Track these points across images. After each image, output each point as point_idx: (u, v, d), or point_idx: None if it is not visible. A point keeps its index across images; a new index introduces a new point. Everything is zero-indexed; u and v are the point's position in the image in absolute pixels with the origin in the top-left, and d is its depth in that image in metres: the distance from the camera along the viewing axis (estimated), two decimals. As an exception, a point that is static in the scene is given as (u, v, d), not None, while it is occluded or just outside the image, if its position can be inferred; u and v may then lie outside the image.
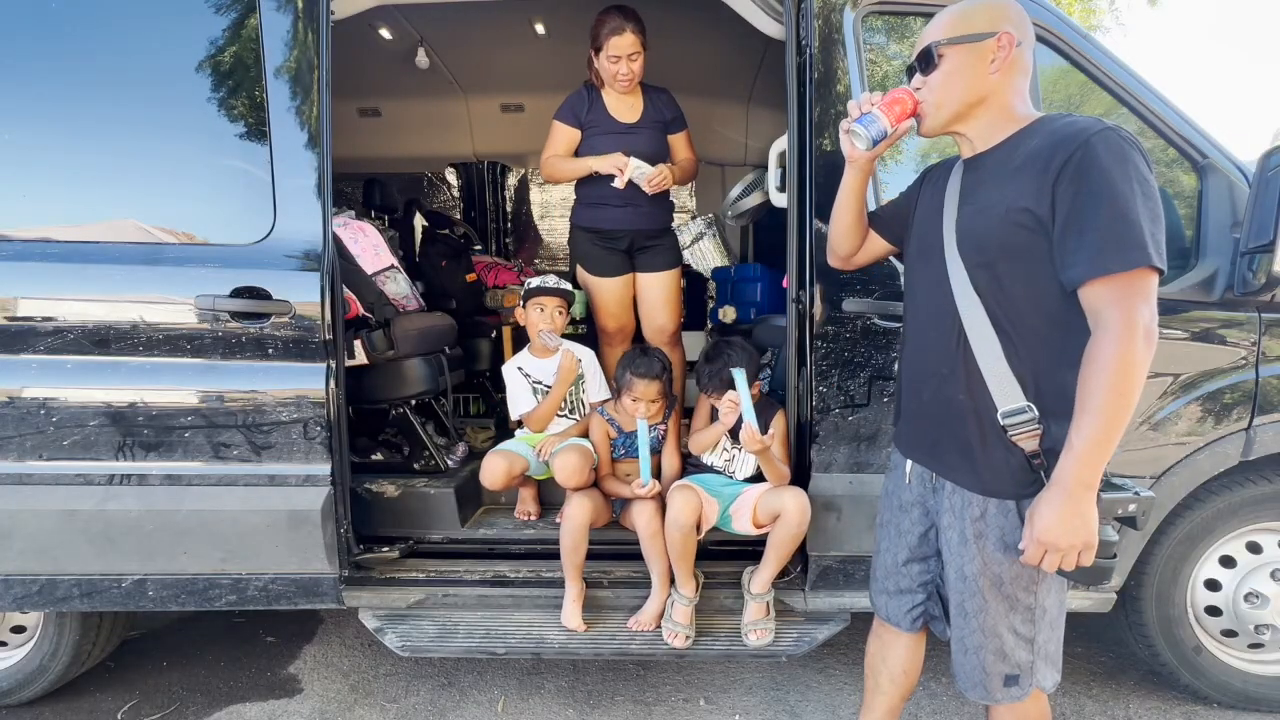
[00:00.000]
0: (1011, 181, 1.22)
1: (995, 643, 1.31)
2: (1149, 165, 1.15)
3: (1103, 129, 1.14)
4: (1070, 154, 1.14)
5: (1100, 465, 1.13)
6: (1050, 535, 1.14)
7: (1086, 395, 1.12)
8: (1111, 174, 1.11)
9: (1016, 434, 1.22)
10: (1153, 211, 1.11)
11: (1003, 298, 1.23)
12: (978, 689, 1.35)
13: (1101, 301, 1.12)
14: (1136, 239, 1.09)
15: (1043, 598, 1.29)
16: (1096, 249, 1.11)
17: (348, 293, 2.30)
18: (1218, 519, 2.03)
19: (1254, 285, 1.82)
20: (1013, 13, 1.27)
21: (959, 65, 1.27)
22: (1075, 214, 1.14)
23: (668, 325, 2.75)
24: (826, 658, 2.47)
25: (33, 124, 1.97)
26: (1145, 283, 1.11)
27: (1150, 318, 1.11)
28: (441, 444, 2.69)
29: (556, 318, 2.50)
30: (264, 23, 1.93)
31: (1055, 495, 1.14)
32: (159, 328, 1.93)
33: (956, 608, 1.36)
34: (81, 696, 2.32)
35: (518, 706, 2.22)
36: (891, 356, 1.95)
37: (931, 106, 1.31)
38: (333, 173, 1.97)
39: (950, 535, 1.35)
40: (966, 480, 1.31)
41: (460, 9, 2.87)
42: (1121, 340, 1.09)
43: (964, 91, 1.27)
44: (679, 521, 1.95)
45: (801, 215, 1.97)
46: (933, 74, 1.30)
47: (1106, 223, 1.11)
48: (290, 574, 1.99)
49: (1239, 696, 2.12)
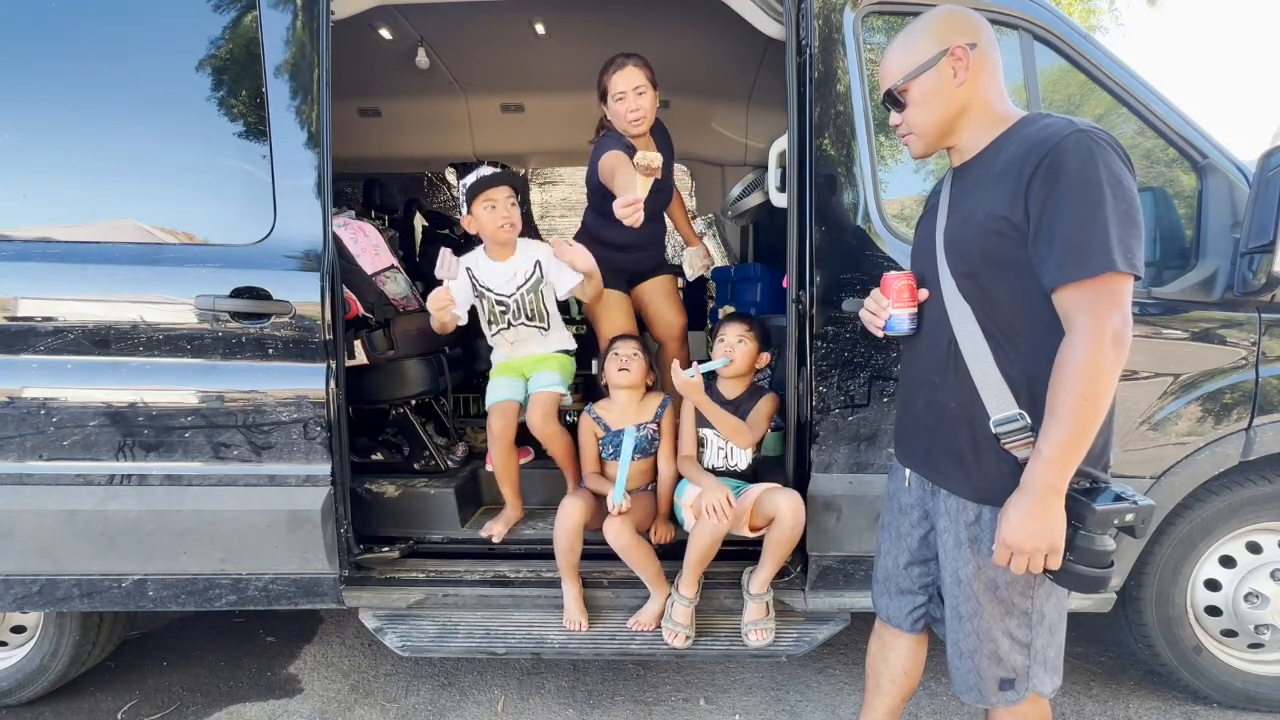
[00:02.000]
0: (991, 189, 1.22)
1: (990, 646, 1.30)
2: (1127, 165, 1.14)
3: (1073, 131, 1.13)
4: (1041, 159, 1.14)
5: (1068, 470, 1.14)
6: (1016, 538, 1.15)
7: (1055, 401, 1.12)
8: (1080, 178, 1.11)
9: (1009, 442, 1.22)
10: (1124, 214, 1.10)
11: (989, 306, 1.24)
12: (972, 692, 1.35)
13: (1071, 307, 1.13)
14: (1100, 245, 1.09)
15: (1040, 603, 1.28)
16: (1064, 256, 1.12)
17: (348, 293, 2.30)
18: (1218, 519, 2.03)
19: (1254, 285, 1.82)
20: (955, 20, 1.28)
21: (924, 94, 1.29)
22: (1045, 219, 1.14)
23: (676, 322, 2.83)
24: (826, 658, 2.47)
25: (33, 124, 1.96)
26: (1114, 287, 1.11)
27: (1121, 323, 1.10)
28: (441, 444, 2.69)
29: (511, 210, 2.26)
30: (264, 23, 1.93)
31: (1023, 499, 1.15)
32: (159, 328, 1.93)
33: (951, 611, 1.36)
34: (81, 696, 2.32)
35: (518, 706, 2.22)
36: (891, 356, 1.95)
37: (916, 138, 1.34)
38: (333, 173, 1.97)
39: (946, 539, 1.35)
40: (959, 487, 1.31)
41: (460, 9, 2.86)
42: (1090, 346, 1.10)
43: (940, 113, 1.29)
44: (718, 531, 1.95)
45: (801, 215, 1.97)
46: (906, 110, 1.32)
47: (1072, 228, 1.11)
48: (290, 574, 1.99)
49: (1239, 696, 2.12)
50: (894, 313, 1.38)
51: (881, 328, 1.40)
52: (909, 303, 1.37)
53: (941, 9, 1.31)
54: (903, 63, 1.30)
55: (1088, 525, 1.16)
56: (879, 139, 1.97)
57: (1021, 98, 1.92)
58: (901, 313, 1.37)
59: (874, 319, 1.41)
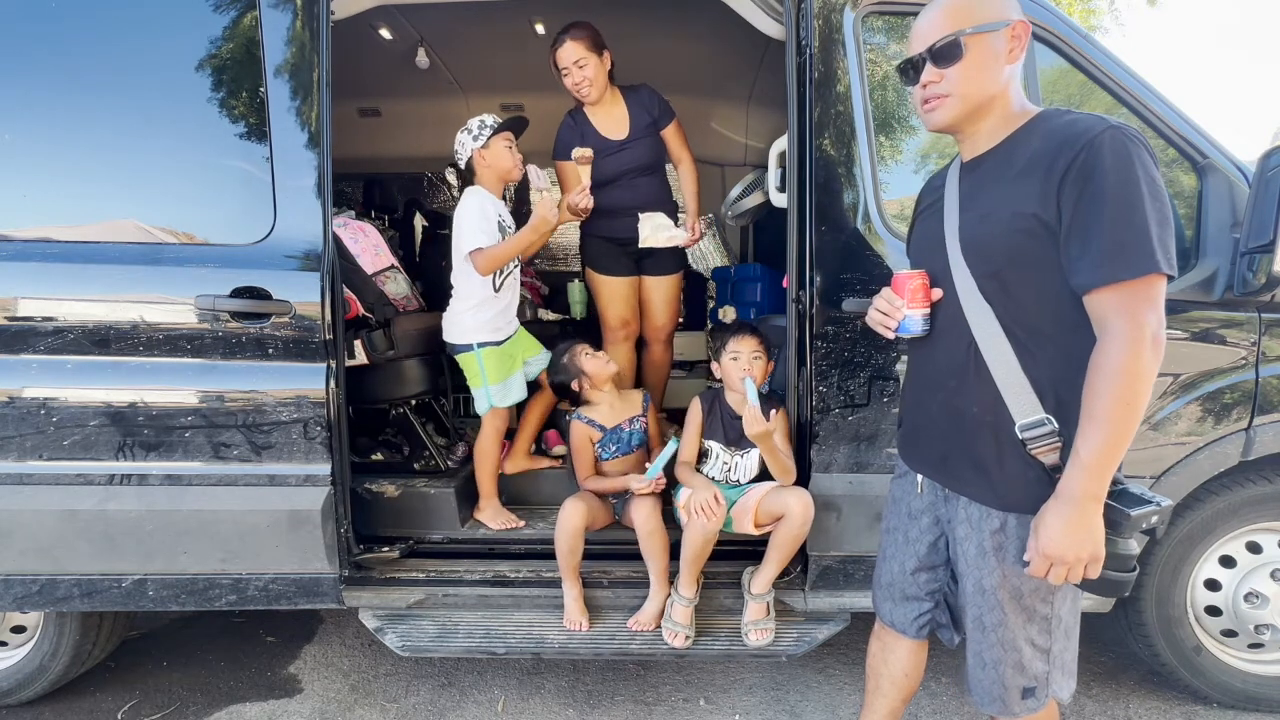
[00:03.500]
0: (1014, 186, 1.18)
1: (1014, 656, 1.28)
2: (1156, 163, 1.11)
3: (1108, 128, 1.10)
4: (1075, 156, 1.10)
5: (1108, 476, 1.10)
6: (1057, 549, 1.11)
7: (1093, 404, 1.09)
8: (1117, 176, 1.08)
9: (1036, 447, 1.18)
10: (1161, 214, 1.08)
11: (1013, 306, 1.20)
12: (996, 703, 1.32)
13: (1108, 308, 1.10)
14: (1143, 245, 1.06)
15: (1059, 608, 1.26)
16: (1102, 256, 1.08)
17: (348, 293, 2.29)
18: (1218, 519, 2.03)
19: (1254, 285, 1.82)
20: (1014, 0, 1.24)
21: (983, 57, 1.20)
22: (1080, 219, 1.11)
23: (666, 325, 2.88)
24: (826, 658, 2.47)
25: (33, 124, 1.96)
26: (1153, 289, 1.08)
27: (1158, 324, 1.08)
28: (441, 444, 2.69)
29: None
30: (264, 23, 1.93)
31: (1062, 507, 1.11)
32: (159, 328, 1.92)
33: (974, 621, 1.32)
34: (81, 696, 2.32)
35: (518, 706, 2.22)
36: (891, 356, 1.95)
37: (953, 100, 1.23)
38: (333, 173, 1.97)
39: (967, 547, 1.30)
40: (982, 495, 1.27)
41: (460, 9, 2.86)
42: (1129, 348, 1.07)
43: (986, 84, 1.22)
44: (708, 530, 1.95)
45: (801, 215, 1.96)
46: (954, 66, 1.22)
47: (1112, 228, 1.08)
48: (290, 574, 1.99)
49: (1239, 696, 2.12)
50: (908, 314, 1.32)
51: (893, 330, 1.34)
52: (923, 303, 1.31)
53: None
54: (967, 16, 1.20)
55: (1119, 530, 1.13)
56: (879, 139, 1.97)
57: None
58: (915, 313, 1.31)
59: (886, 320, 1.35)
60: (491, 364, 2.36)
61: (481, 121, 2.38)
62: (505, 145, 2.38)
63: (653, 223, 2.66)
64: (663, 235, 2.65)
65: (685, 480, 2.15)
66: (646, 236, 2.66)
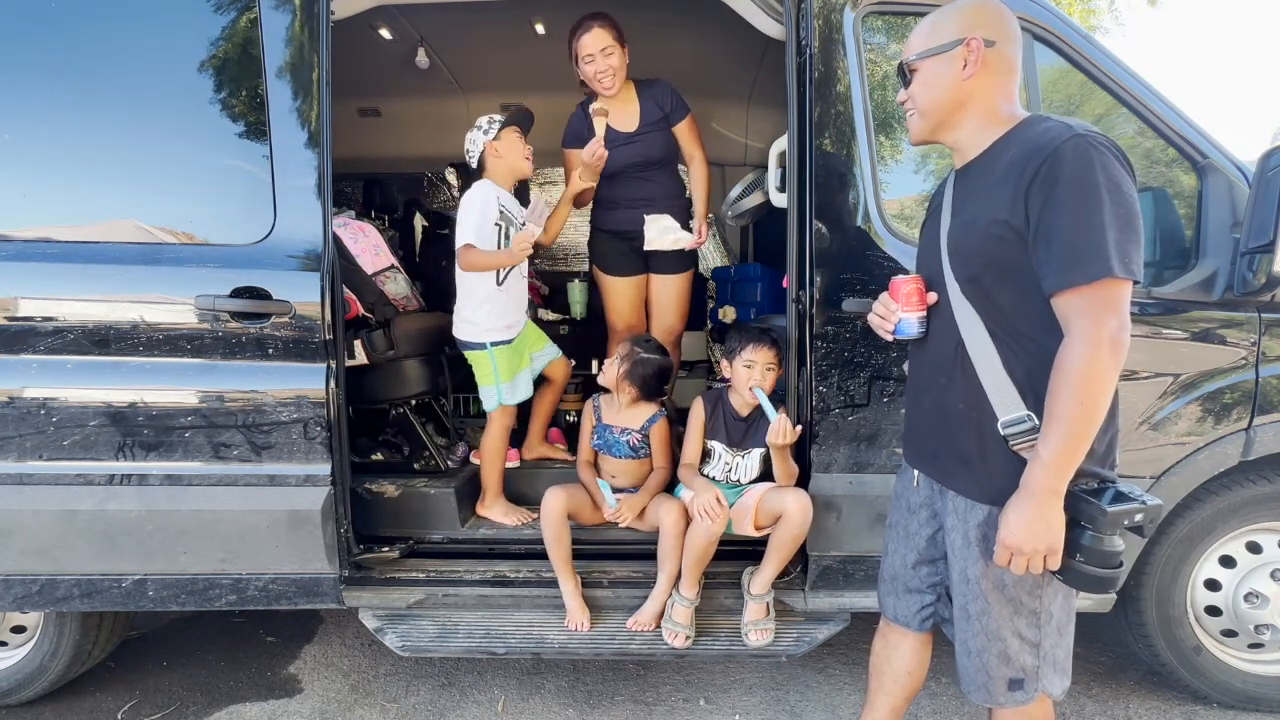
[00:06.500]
0: (992, 193, 1.23)
1: (999, 645, 1.30)
2: (1126, 169, 1.15)
3: (1071, 136, 1.14)
4: (1040, 164, 1.15)
5: (1067, 473, 1.15)
6: (1016, 539, 1.17)
7: (1053, 403, 1.14)
8: (1077, 184, 1.11)
9: (1017, 443, 1.22)
10: (1122, 219, 1.11)
11: (993, 309, 1.25)
12: (981, 692, 1.35)
13: (1070, 311, 1.14)
14: (1099, 250, 1.10)
15: (1048, 602, 1.28)
16: (1062, 261, 1.13)
17: (348, 293, 2.30)
18: (1218, 519, 2.03)
19: (1254, 285, 1.82)
20: (986, 14, 1.28)
21: (931, 76, 1.30)
22: (1044, 225, 1.15)
23: (676, 326, 2.82)
24: (826, 658, 2.47)
25: (33, 124, 1.96)
26: (1112, 292, 1.11)
27: (1118, 327, 1.11)
28: (441, 444, 2.69)
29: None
30: (264, 23, 1.93)
31: (1022, 501, 1.17)
32: (159, 328, 1.92)
33: (960, 610, 1.36)
34: (81, 696, 2.32)
35: (518, 706, 2.22)
36: (891, 356, 1.95)
37: (916, 116, 1.35)
38: (333, 173, 1.97)
39: (954, 538, 1.35)
40: (967, 487, 1.32)
41: (460, 9, 2.86)
42: (1088, 350, 1.11)
43: (940, 98, 1.30)
44: (711, 532, 1.96)
45: (801, 215, 1.96)
46: (914, 86, 1.34)
47: (1070, 234, 1.12)
48: (290, 574, 1.99)
49: (1239, 696, 2.12)
50: (903, 317, 1.38)
51: (891, 332, 1.40)
52: (918, 306, 1.37)
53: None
54: (925, 39, 1.31)
55: (1098, 526, 1.16)
56: (879, 139, 1.97)
57: (1022, 98, 1.91)
58: (911, 316, 1.38)
59: (883, 323, 1.42)
60: (503, 362, 2.38)
61: (490, 118, 2.45)
62: (516, 135, 2.44)
63: (659, 225, 2.64)
64: (669, 238, 2.64)
65: (687, 482, 2.15)
66: (653, 239, 2.65)
